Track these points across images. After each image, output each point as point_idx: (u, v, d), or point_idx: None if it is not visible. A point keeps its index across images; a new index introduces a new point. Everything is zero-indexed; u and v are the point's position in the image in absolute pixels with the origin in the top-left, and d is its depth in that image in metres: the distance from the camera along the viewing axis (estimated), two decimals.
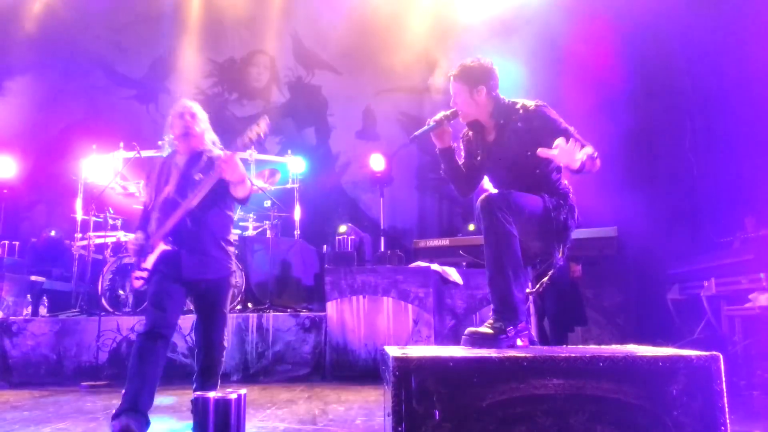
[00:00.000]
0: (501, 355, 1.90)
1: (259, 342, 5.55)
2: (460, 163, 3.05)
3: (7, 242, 6.61)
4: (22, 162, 7.90)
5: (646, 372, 1.84)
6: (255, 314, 5.67)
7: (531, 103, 2.83)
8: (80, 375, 5.45)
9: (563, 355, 1.88)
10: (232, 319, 5.63)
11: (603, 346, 2.43)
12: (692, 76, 7.12)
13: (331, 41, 10.06)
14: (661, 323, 6.28)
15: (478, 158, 3.00)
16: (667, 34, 7.05)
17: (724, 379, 1.82)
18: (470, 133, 3.02)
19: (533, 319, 4.68)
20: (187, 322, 5.57)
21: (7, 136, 7.97)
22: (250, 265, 6.23)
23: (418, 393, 1.83)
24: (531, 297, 4.56)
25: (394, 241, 8.68)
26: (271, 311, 5.81)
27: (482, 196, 2.67)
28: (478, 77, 2.86)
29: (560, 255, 2.85)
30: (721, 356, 1.84)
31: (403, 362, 1.85)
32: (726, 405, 1.81)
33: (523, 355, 1.89)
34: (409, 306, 5.51)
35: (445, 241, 6.29)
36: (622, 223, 5.75)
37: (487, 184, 3.15)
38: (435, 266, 5.64)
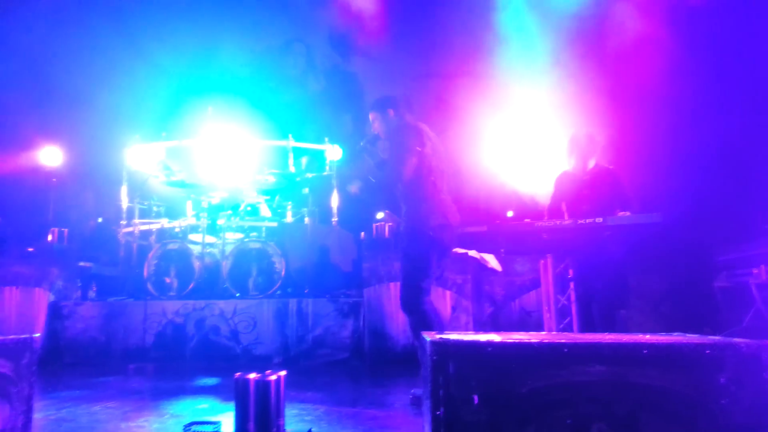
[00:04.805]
0: (541, 340, 1.87)
1: (299, 326, 5.63)
2: None
3: (56, 229, 6.85)
4: (69, 152, 8.15)
5: (692, 360, 1.78)
6: (295, 299, 5.75)
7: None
8: (127, 356, 5.64)
9: (605, 341, 1.84)
10: (272, 304, 5.73)
11: (648, 335, 2.37)
12: (743, 54, 6.83)
13: (366, 28, 10.01)
14: (707, 312, 6.10)
15: None
16: (716, 10, 6.77)
17: None
18: None
19: (574, 307, 4.57)
20: (229, 306, 5.70)
21: (54, 126, 8.22)
22: (290, 252, 6.31)
23: (456, 378, 1.82)
24: (572, 284, 4.48)
25: None
26: (311, 297, 5.88)
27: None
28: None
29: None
30: None
31: (440, 347, 1.84)
32: None
33: (564, 341, 1.86)
34: (447, 293, 5.50)
35: (483, 228, 6.21)
36: (667, 208, 5.59)
37: None
38: (473, 253, 5.59)
